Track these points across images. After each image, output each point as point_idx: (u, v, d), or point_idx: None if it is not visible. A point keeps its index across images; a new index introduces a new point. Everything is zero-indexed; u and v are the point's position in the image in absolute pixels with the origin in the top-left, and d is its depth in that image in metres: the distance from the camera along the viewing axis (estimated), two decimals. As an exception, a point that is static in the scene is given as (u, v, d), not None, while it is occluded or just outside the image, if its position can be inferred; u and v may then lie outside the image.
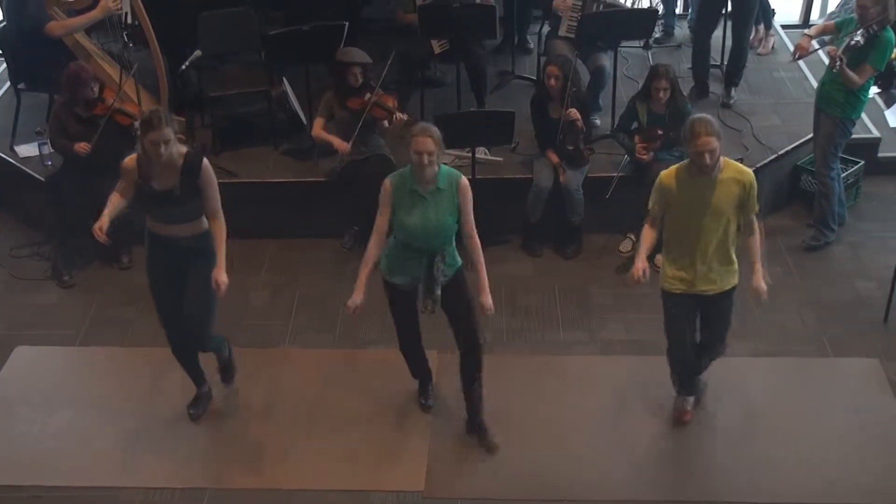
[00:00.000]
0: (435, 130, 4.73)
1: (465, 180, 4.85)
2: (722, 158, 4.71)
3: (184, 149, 4.78)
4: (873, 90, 7.61)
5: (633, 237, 6.67)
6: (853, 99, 6.38)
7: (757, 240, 4.90)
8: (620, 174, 6.64)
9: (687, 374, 5.24)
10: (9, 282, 6.62)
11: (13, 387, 5.70)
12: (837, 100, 6.40)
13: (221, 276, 4.84)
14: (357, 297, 4.89)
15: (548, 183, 6.56)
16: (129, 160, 4.82)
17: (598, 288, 6.46)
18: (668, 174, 4.81)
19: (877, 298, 6.21)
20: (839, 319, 6.11)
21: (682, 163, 4.83)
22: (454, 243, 4.95)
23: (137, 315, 6.21)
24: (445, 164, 4.90)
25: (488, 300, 4.93)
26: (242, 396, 5.53)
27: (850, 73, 6.21)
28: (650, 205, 4.90)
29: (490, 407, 5.38)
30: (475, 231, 4.90)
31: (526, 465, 5.12)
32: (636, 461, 5.14)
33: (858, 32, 6.15)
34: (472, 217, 4.89)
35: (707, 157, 4.58)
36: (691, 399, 5.32)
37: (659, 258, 6.47)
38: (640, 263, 4.90)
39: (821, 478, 5.01)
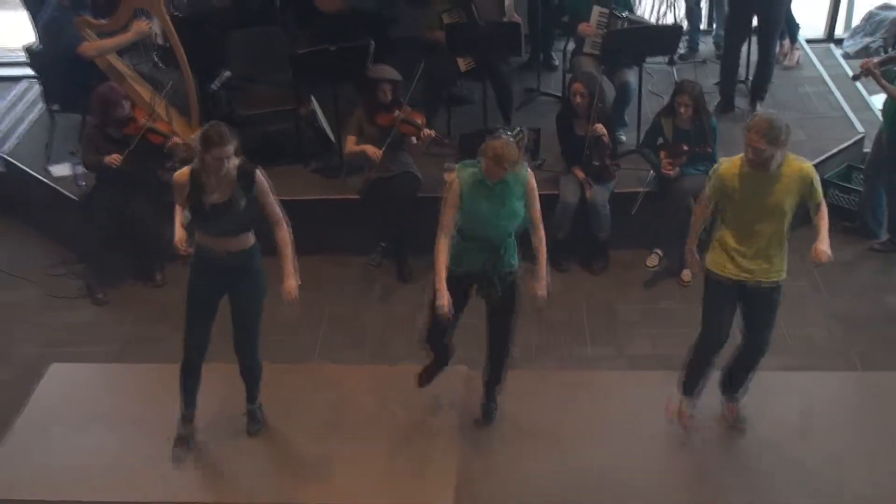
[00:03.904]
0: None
1: (532, 176, 4.90)
2: (786, 154, 4.69)
3: (236, 160, 4.75)
4: None
5: (659, 252, 6.69)
6: None
7: (824, 217, 4.92)
8: (646, 189, 6.67)
9: (702, 370, 5.20)
10: (44, 300, 6.70)
11: (49, 404, 5.76)
12: (891, 119, 6.46)
13: (291, 282, 4.94)
14: (443, 301, 4.80)
15: (574, 199, 6.58)
16: (181, 175, 4.76)
17: (625, 303, 6.47)
18: (727, 165, 4.83)
19: (905, 312, 6.20)
20: (868, 333, 6.09)
21: (742, 154, 4.80)
22: (515, 242, 4.99)
23: (171, 332, 6.22)
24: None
25: (543, 290, 4.97)
26: (273, 412, 5.55)
27: (886, 84, 6.29)
28: (706, 190, 4.95)
29: (518, 422, 5.45)
30: (541, 223, 4.96)
31: (555, 480, 5.13)
32: (665, 476, 5.14)
33: None
34: (538, 210, 4.94)
35: (750, 151, 4.62)
36: (695, 403, 5.31)
37: (686, 273, 6.51)
38: (693, 260, 5.14)
39: (853, 494, 4.99)
